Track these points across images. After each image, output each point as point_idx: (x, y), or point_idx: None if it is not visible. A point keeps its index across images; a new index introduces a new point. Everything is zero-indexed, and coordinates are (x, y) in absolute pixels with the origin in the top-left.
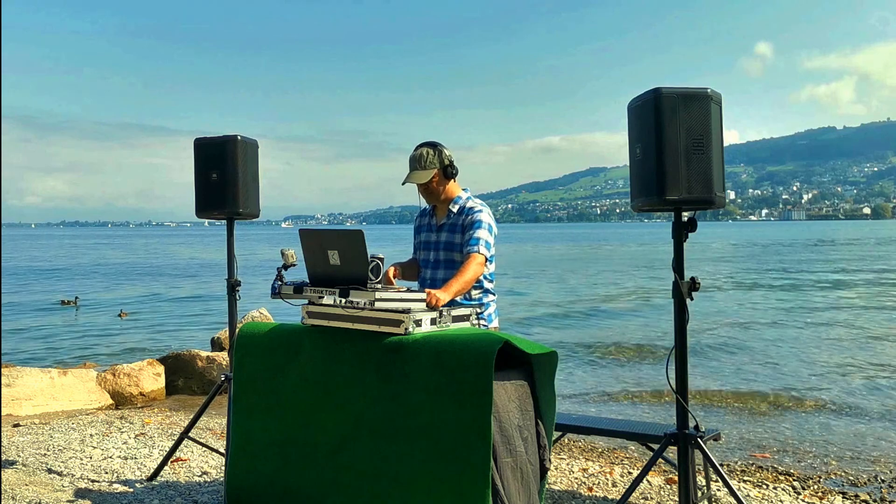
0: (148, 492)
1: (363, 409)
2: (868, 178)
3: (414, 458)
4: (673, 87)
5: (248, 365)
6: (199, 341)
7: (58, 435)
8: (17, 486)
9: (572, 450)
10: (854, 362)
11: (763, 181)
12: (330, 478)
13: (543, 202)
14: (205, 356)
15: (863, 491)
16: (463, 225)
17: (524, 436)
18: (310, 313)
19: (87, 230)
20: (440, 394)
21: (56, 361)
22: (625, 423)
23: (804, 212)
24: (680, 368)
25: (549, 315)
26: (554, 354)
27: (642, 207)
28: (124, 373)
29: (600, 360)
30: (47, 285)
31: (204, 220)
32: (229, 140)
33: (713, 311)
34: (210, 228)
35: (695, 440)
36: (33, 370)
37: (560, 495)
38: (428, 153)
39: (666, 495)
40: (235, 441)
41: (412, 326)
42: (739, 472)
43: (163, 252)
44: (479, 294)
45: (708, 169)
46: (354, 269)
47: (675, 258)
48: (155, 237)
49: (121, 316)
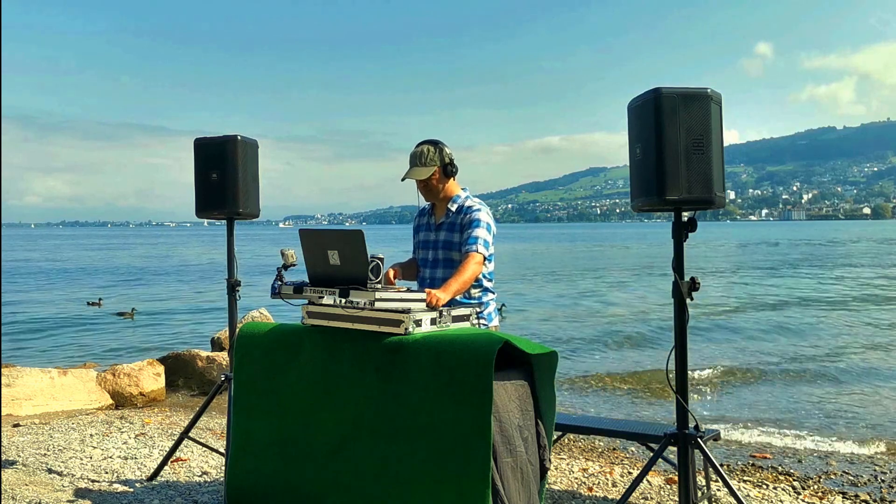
0: (148, 492)
1: (363, 409)
2: (868, 178)
3: (414, 458)
4: (673, 87)
5: (248, 365)
6: (199, 340)
7: (58, 435)
8: (17, 486)
9: (572, 450)
10: (855, 363)
11: (763, 181)
12: (330, 478)
13: (543, 202)
14: (205, 356)
15: (863, 491)
16: (461, 224)
17: (524, 436)
18: (310, 313)
19: (87, 230)
20: (440, 394)
21: (93, 357)
22: (625, 423)
23: (804, 212)
24: (680, 368)
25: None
26: (554, 354)
27: (642, 207)
28: (124, 373)
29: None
30: (75, 286)
31: (203, 220)
32: (229, 140)
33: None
34: (209, 228)
35: (695, 440)
36: (33, 370)
37: (560, 495)
38: (429, 150)
39: (666, 495)
40: (235, 441)
41: (412, 326)
42: (739, 472)
43: (183, 252)
44: (478, 293)
45: (708, 169)
46: (354, 269)
47: (675, 258)
48: (159, 237)
49: (129, 315)
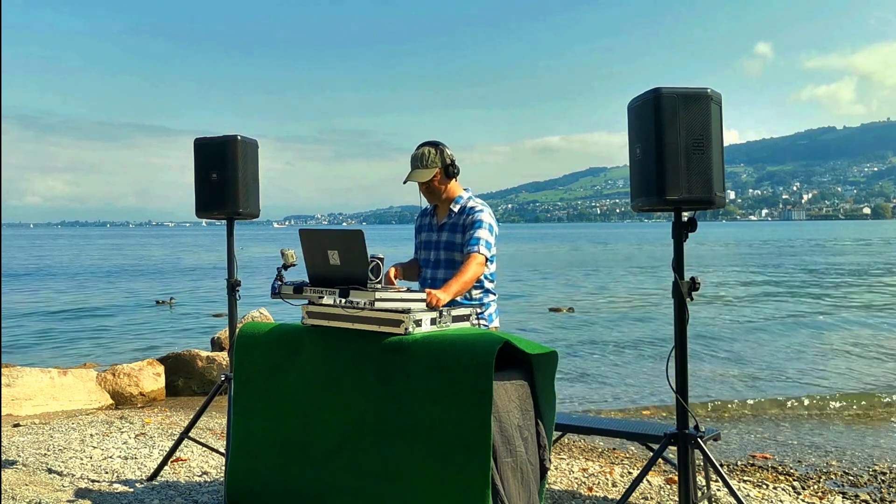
0: (148, 492)
1: (363, 409)
2: (868, 178)
3: (414, 458)
4: (673, 87)
5: (248, 365)
6: (199, 340)
7: (58, 435)
8: (17, 486)
9: (572, 450)
10: (856, 362)
11: (763, 181)
12: (330, 478)
13: (543, 202)
14: (205, 356)
15: (863, 491)
16: (463, 225)
17: (524, 436)
18: (310, 313)
19: (87, 230)
20: (440, 394)
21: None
22: (625, 423)
23: (804, 212)
24: (680, 368)
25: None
26: (554, 354)
27: (642, 207)
28: (124, 373)
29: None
30: (143, 285)
31: (202, 220)
32: (229, 140)
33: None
34: (209, 228)
35: (695, 440)
36: (33, 370)
37: (560, 495)
38: (430, 152)
39: (666, 495)
40: (235, 441)
41: (412, 326)
42: (739, 472)
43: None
44: (479, 294)
45: (708, 169)
46: (354, 269)
47: (675, 258)
48: (161, 237)
49: (167, 303)
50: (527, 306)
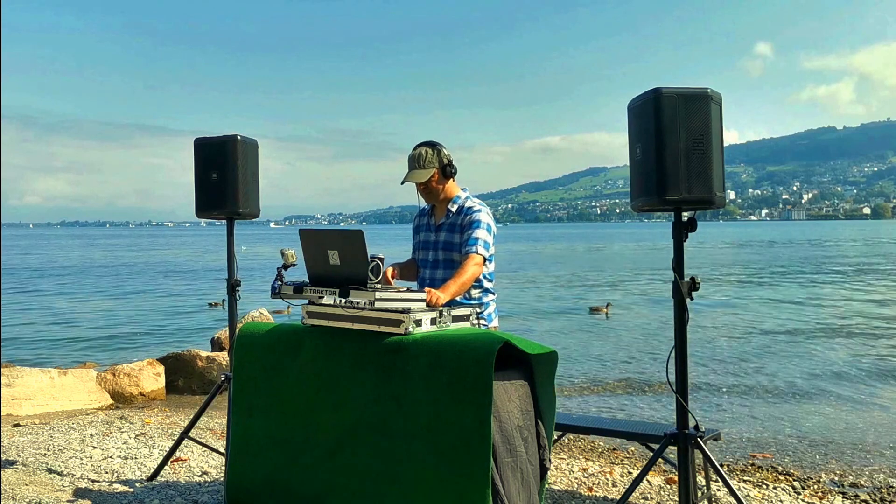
0: (148, 492)
1: (363, 408)
2: (868, 178)
3: (414, 458)
4: (673, 87)
5: (248, 365)
6: (199, 340)
7: (58, 435)
8: (17, 486)
9: (572, 450)
10: (856, 363)
11: (763, 181)
12: (330, 478)
13: (543, 202)
14: (205, 356)
15: (863, 491)
16: (462, 225)
17: (524, 436)
18: (310, 313)
19: (87, 230)
20: (440, 394)
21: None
22: (625, 423)
23: (804, 212)
24: (680, 368)
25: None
26: (554, 354)
27: (642, 207)
28: (124, 373)
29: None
30: (194, 287)
31: (202, 220)
32: (229, 140)
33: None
34: (208, 228)
35: (695, 440)
36: (33, 370)
37: (560, 495)
38: (427, 152)
39: (666, 495)
40: (235, 441)
41: (412, 326)
42: (739, 472)
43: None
44: (478, 293)
45: (708, 169)
46: (354, 269)
47: (675, 258)
48: (167, 237)
49: (213, 305)
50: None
